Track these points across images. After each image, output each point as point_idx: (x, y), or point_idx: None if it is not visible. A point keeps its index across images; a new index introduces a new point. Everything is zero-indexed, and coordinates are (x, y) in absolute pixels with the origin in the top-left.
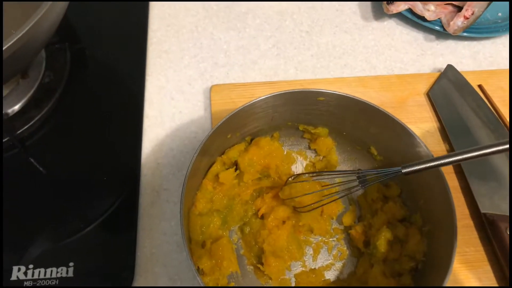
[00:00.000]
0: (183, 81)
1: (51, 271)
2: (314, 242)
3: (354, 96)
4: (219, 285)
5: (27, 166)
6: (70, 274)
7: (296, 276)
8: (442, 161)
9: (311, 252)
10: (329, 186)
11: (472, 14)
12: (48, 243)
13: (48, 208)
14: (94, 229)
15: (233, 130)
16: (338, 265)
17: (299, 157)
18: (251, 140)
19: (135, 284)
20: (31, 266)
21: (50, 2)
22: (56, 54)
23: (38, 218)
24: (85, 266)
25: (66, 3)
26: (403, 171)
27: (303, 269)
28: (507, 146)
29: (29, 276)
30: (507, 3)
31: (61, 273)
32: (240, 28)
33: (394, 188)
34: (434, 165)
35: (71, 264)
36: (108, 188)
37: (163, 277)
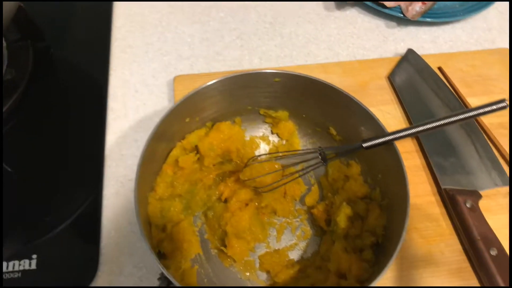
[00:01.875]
0: (147, 74)
1: (13, 264)
2: (278, 223)
3: (308, 75)
4: (183, 269)
5: None
6: (33, 266)
7: (260, 257)
8: (400, 134)
9: (275, 233)
10: (290, 165)
11: None
12: (10, 236)
13: (10, 202)
14: (58, 221)
15: (191, 114)
16: (302, 244)
17: (262, 142)
18: (212, 125)
19: (99, 273)
20: None
21: None
22: (18, 52)
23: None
24: (48, 258)
25: None
26: (364, 145)
27: (267, 250)
28: (460, 116)
29: None
30: None
31: (23, 266)
32: (204, 21)
33: (354, 167)
34: (392, 138)
35: (34, 256)
36: (72, 181)
37: (128, 265)
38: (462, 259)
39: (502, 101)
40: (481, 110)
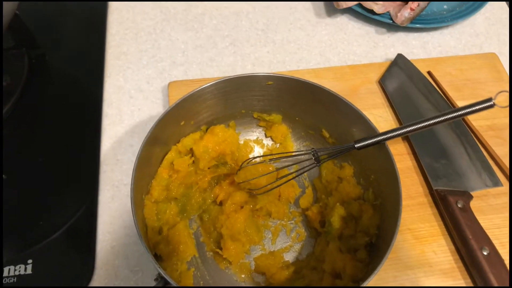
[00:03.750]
0: (142, 80)
1: (9, 269)
2: (273, 225)
3: (300, 78)
4: (179, 271)
5: None
6: (29, 271)
7: (255, 259)
8: (391, 134)
9: (270, 235)
10: (284, 167)
11: (418, 5)
12: (6, 241)
13: (6, 210)
14: (53, 225)
15: (186, 117)
16: (297, 246)
17: (256, 146)
18: (207, 129)
19: (95, 276)
20: None
21: None
22: (13, 59)
23: None
24: (44, 262)
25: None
26: (356, 145)
27: (263, 252)
28: (449, 115)
29: None
30: None
31: (19, 271)
32: (197, 28)
33: (347, 169)
34: (384, 138)
35: (29, 261)
36: (68, 187)
37: (124, 269)
38: (454, 258)
39: (489, 99)
40: (469, 109)
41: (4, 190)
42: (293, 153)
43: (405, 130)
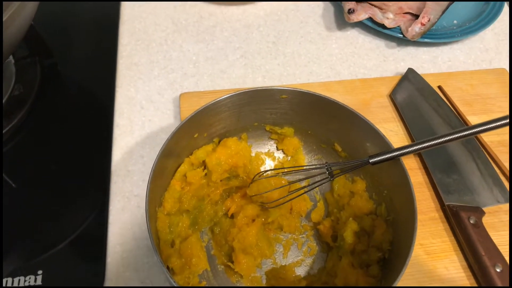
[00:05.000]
0: (153, 91)
1: (19, 280)
2: (284, 239)
3: (315, 93)
4: (191, 285)
5: None
6: (39, 282)
7: (266, 273)
8: (406, 150)
9: (281, 249)
10: (296, 181)
11: (428, 20)
12: (16, 252)
13: (16, 218)
14: (64, 236)
15: (199, 129)
16: (308, 261)
17: (267, 159)
18: (219, 141)
19: None
20: None
21: (18, 2)
22: (26, 68)
23: (6, 229)
24: (54, 273)
25: (35, 4)
26: (371, 161)
27: (274, 266)
28: (461, 134)
29: None
30: (463, 11)
31: (29, 282)
32: (208, 40)
33: (359, 183)
34: (399, 154)
35: (39, 272)
36: (78, 197)
37: (134, 281)
38: (467, 275)
39: (505, 117)
40: (485, 127)
41: (14, 198)
42: (307, 167)
43: (420, 146)
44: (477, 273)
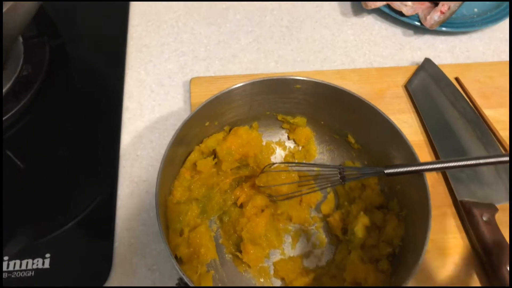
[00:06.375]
0: (163, 74)
1: (27, 262)
2: (293, 230)
3: (329, 83)
4: (199, 273)
5: (5, 160)
6: (47, 265)
7: (275, 264)
8: (424, 167)
9: (290, 240)
10: (307, 178)
11: (448, 9)
12: (24, 235)
13: (24, 200)
14: (72, 220)
15: (211, 118)
16: (317, 252)
17: (278, 148)
18: (230, 130)
19: (113, 273)
20: (6, 258)
21: None
22: (35, 48)
23: (14, 211)
24: (61, 257)
25: None
26: (386, 171)
27: (282, 257)
28: (490, 160)
29: (4, 268)
30: None
31: (37, 265)
32: (220, 23)
33: (372, 177)
34: (416, 169)
35: (47, 255)
36: (87, 180)
37: (142, 267)
38: (477, 272)
39: None
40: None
41: (22, 181)
42: (319, 165)
43: (439, 165)
44: (488, 270)
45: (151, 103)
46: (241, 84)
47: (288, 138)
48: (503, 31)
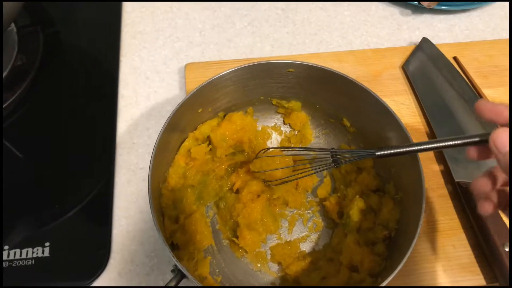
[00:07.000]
0: (158, 61)
1: (27, 251)
2: (289, 215)
3: (322, 66)
4: (195, 259)
5: (2, 149)
6: (46, 254)
7: (271, 248)
8: (415, 148)
9: (287, 225)
10: (300, 161)
11: None
12: (24, 224)
13: (22, 190)
14: (70, 208)
15: (204, 104)
16: (314, 236)
17: (274, 133)
18: (224, 115)
19: (111, 261)
20: (6, 247)
21: None
22: (28, 37)
23: (12, 200)
24: (61, 245)
25: None
26: (377, 153)
27: (279, 241)
28: (479, 138)
29: (4, 257)
30: None
31: (36, 253)
32: (215, 7)
33: (367, 160)
34: (406, 151)
35: (47, 244)
36: (83, 169)
37: (140, 254)
38: (474, 253)
39: None
40: None
41: (20, 170)
42: (311, 150)
43: (430, 145)
44: (486, 252)
45: (147, 90)
46: (232, 69)
47: (284, 123)
48: (503, 7)
